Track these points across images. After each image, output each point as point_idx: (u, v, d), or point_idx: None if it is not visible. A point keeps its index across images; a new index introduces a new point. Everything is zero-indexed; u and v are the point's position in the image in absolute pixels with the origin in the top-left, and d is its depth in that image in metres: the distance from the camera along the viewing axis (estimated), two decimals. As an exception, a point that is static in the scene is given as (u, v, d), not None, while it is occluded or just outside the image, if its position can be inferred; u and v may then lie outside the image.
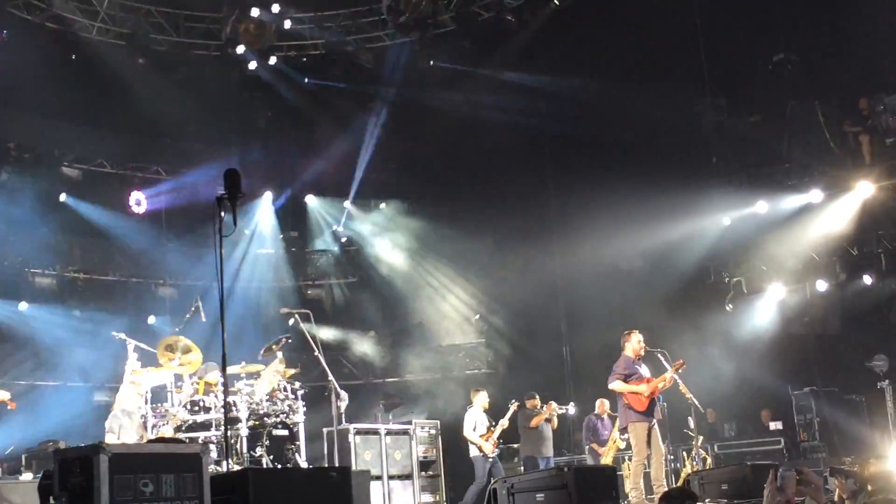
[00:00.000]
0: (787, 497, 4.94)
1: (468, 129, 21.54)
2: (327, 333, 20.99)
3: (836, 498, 7.78)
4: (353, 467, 13.60)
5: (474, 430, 15.73)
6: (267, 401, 13.19)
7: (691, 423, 16.12)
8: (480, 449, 15.60)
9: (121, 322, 17.50)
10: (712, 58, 20.17)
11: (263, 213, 23.02)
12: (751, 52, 20.67)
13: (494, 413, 16.16)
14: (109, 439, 12.04)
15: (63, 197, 20.88)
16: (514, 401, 16.59)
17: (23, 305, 19.69)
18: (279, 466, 12.95)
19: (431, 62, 21.58)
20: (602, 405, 17.55)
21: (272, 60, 21.53)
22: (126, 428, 12.34)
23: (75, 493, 6.09)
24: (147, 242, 21.61)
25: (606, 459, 16.72)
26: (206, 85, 21.08)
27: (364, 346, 23.02)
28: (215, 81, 21.40)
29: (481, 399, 16.06)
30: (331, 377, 13.57)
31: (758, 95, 21.09)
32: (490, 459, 15.57)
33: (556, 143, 22.54)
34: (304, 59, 22.27)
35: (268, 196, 22.96)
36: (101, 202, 21.20)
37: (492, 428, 15.80)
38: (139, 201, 21.75)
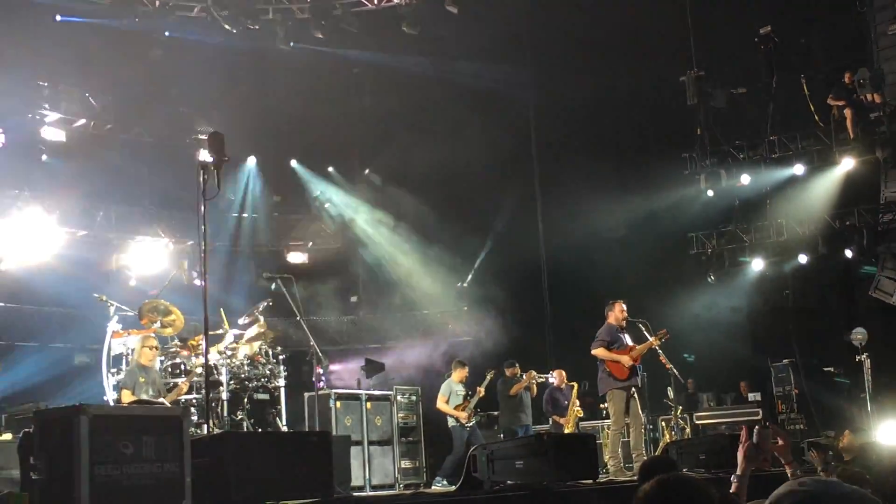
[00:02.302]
0: (764, 454, 4.97)
1: (452, 97, 21.48)
2: (310, 298, 20.98)
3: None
4: (334, 432, 13.65)
5: (447, 401, 15.76)
6: (248, 365, 13.18)
7: (670, 394, 16.22)
8: (457, 419, 15.65)
9: (102, 283, 17.42)
10: (698, 30, 20.15)
11: (248, 177, 22.94)
12: (737, 25, 20.65)
13: (473, 381, 16.20)
14: (124, 396, 12.01)
15: (45, 158, 20.74)
16: (490, 369, 16.63)
17: (4, 264, 19.59)
18: (260, 430, 12.97)
19: (416, 27, 21.46)
20: (560, 376, 17.56)
21: (256, 24, 21.37)
22: (142, 385, 12.26)
23: (55, 454, 6.09)
24: (130, 203, 21.50)
25: (568, 429, 16.80)
26: (190, 48, 20.94)
27: (346, 311, 23.03)
28: (200, 44, 21.26)
29: (459, 373, 16.10)
30: (312, 342, 13.57)
31: (743, 67, 21.10)
32: (468, 428, 15.63)
33: (541, 113, 22.52)
34: (290, 24, 22.11)
35: (252, 160, 22.88)
36: (83, 163, 21.05)
37: (468, 398, 15.84)
38: (122, 162, 21.63)
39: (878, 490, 4.82)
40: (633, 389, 13.32)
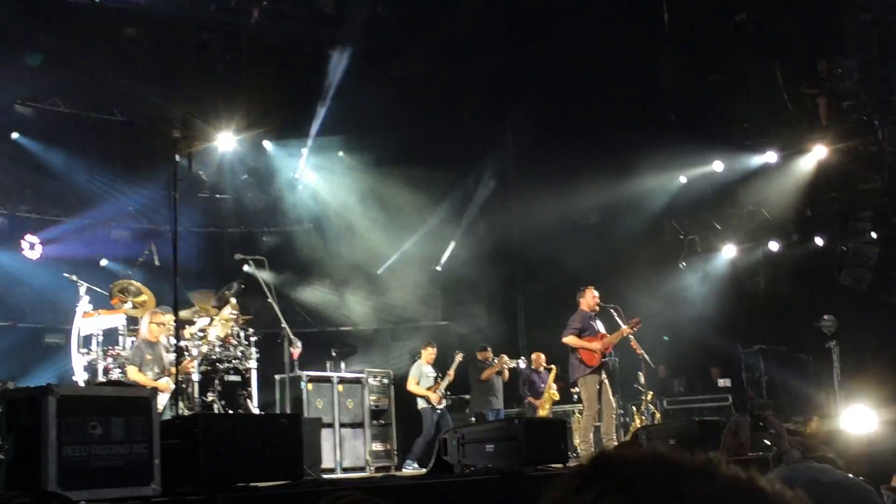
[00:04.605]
0: (741, 441, 4.99)
1: (427, 78, 21.40)
2: (282, 280, 20.91)
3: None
4: (305, 415, 13.62)
5: (418, 383, 15.80)
6: (219, 346, 13.12)
7: (642, 379, 16.30)
8: (427, 400, 15.69)
9: (72, 264, 17.27)
10: (674, 15, 20.17)
11: (220, 157, 22.76)
12: (713, 11, 20.68)
13: (442, 364, 16.22)
14: (130, 372, 11.95)
15: (15, 136, 20.52)
16: (458, 351, 16.63)
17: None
18: (230, 412, 12.93)
19: (392, 8, 21.37)
20: (538, 358, 17.59)
21: (231, 2, 21.22)
22: (148, 362, 12.19)
23: (22, 434, 6.04)
24: (101, 184, 21.31)
25: (543, 412, 16.85)
26: (163, 25, 20.76)
27: (318, 293, 22.94)
28: (173, 22, 21.07)
29: (428, 353, 16.14)
30: (284, 324, 13.55)
31: (718, 54, 21.15)
32: (438, 411, 15.66)
33: (514, 96, 22.47)
34: (265, 3, 21.96)
35: (225, 140, 22.68)
36: (54, 142, 20.85)
37: (438, 380, 15.87)
38: (93, 142, 21.41)
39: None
40: (605, 375, 13.39)
